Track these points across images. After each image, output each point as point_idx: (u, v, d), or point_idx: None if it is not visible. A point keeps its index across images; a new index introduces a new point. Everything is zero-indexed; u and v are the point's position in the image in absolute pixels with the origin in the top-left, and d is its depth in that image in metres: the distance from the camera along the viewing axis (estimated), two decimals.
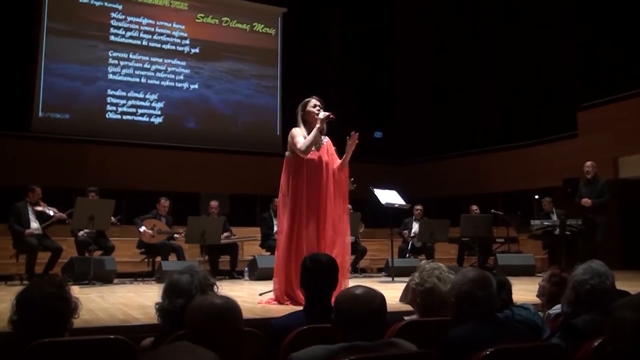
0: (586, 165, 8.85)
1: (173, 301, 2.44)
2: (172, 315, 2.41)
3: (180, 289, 2.46)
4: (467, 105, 14.24)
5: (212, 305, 1.97)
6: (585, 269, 2.60)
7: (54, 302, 2.23)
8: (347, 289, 2.22)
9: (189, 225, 8.42)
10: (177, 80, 13.07)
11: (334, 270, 2.99)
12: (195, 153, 12.76)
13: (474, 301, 2.37)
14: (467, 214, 10.21)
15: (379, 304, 2.13)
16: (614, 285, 2.64)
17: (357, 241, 9.68)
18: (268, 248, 9.30)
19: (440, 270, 2.85)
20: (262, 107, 13.92)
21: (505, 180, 12.87)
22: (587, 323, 2.38)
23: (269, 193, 9.99)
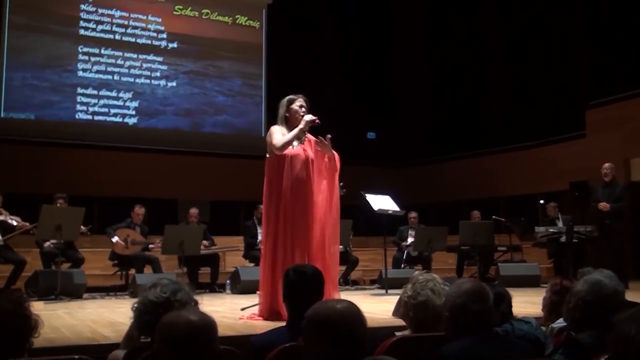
0: (604, 168, 8.86)
1: (155, 292, 2.40)
2: (153, 309, 2.36)
3: (163, 283, 2.44)
4: (468, 104, 14.30)
5: (188, 322, 1.95)
6: (589, 279, 2.60)
7: (11, 320, 2.20)
8: (321, 303, 2.11)
9: (166, 234, 8.38)
10: (153, 77, 13.03)
11: (319, 282, 2.97)
12: (172, 156, 12.72)
13: (469, 315, 2.36)
14: (467, 221, 10.23)
15: (357, 324, 1.97)
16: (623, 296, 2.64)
17: (348, 251, 9.68)
18: (252, 259, 9.27)
19: (434, 282, 2.84)
20: (245, 107, 13.90)
21: (508, 184, 12.92)
22: (592, 338, 2.38)
23: (253, 199, 9.96)
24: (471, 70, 14.35)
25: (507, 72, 13.75)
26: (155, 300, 2.37)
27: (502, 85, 13.87)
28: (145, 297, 2.42)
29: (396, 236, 10.27)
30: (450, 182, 13.82)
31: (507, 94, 13.77)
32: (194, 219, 9.34)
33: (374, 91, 15.36)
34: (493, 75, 14.08)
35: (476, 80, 14.26)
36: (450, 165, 14.11)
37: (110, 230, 8.66)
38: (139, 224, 8.93)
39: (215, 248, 9.42)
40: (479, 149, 13.69)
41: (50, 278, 7.52)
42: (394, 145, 14.95)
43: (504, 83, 13.81)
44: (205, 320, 1.99)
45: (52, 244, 8.08)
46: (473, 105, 14.24)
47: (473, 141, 13.96)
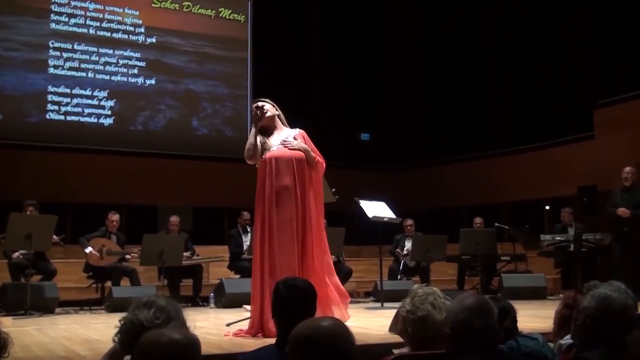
0: (625, 171, 8.89)
1: (149, 314, 2.33)
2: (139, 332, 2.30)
3: (159, 305, 2.39)
4: (468, 103, 14.35)
5: (171, 341, 1.94)
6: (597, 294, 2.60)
7: None
8: (306, 321, 2.08)
9: (145, 244, 8.36)
10: (130, 74, 13.01)
11: (311, 296, 2.97)
12: (151, 159, 12.70)
13: (472, 332, 2.37)
14: (468, 229, 10.25)
15: (345, 342, 1.95)
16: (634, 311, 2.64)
17: (341, 261, 9.68)
18: (237, 270, 9.27)
19: (434, 296, 2.85)
20: (230, 106, 13.90)
21: (511, 188, 12.97)
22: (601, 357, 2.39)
23: (238, 206, 10.00)
24: (471, 67, 14.40)
25: (509, 69, 13.81)
26: (145, 324, 2.31)
27: (503, 84, 13.93)
28: (135, 315, 2.36)
29: (392, 245, 10.28)
30: (449, 186, 13.86)
31: (509, 92, 13.83)
32: (174, 227, 9.33)
33: (367, 89, 15.40)
34: (494, 73, 14.14)
35: (476, 77, 14.32)
36: (450, 169, 14.15)
37: (84, 240, 8.63)
38: (115, 232, 8.91)
39: (197, 258, 9.41)
40: (481, 151, 13.73)
41: (20, 291, 7.48)
42: (390, 147, 14.99)
43: (506, 81, 13.87)
44: (189, 338, 1.99)
45: (21, 255, 8.04)
46: (474, 104, 14.29)
47: (474, 143, 14.00)
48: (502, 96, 13.98)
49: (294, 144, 5.07)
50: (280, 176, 4.97)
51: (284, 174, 4.98)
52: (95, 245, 8.59)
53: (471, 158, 13.83)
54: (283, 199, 4.93)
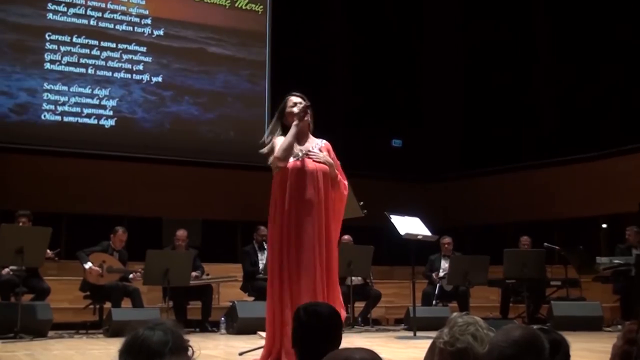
0: None
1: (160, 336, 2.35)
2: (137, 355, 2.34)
3: (149, 349, 2.39)
4: (514, 106, 14.28)
5: None
6: None
7: None
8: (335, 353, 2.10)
9: (148, 261, 8.41)
10: (134, 71, 13.10)
11: (336, 325, 2.98)
12: (157, 165, 12.78)
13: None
14: (513, 249, 10.20)
15: None
16: None
17: (369, 284, 9.67)
18: (252, 292, 9.29)
19: (476, 327, 2.83)
20: (245, 107, 13.93)
21: (563, 203, 12.87)
22: None
23: (253, 218, 10.03)
24: (516, 67, 14.34)
25: (559, 69, 13.72)
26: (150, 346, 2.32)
27: (554, 85, 13.84)
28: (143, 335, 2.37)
29: (426, 266, 10.26)
30: (492, 200, 13.80)
31: (561, 94, 13.74)
32: (181, 242, 9.37)
33: (399, 89, 15.38)
34: (543, 73, 14.06)
35: (522, 78, 14.25)
36: (493, 180, 14.09)
37: (83, 254, 8.69)
38: (119, 249, 8.98)
39: (207, 278, 9.44)
40: (528, 160, 13.66)
41: (9, 312, 7.53)
42: (425, 155, 14.94)
43: (557, 82, 13.78)
44: None
45: (11, 271, 8.11)
46: (519, 108, 14.21)
47: (520, 151, 13.93)
48: (553, 99, 13.89)
49: (319, 157, 5.06)
50: (303, 189, 4.96)
51: (307, 187, 4.97)
52: (95, 261, 8.65)
53: (518, 168, 13.76)
54: (305, 214, 4.92)
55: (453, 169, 14.74)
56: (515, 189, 13.58)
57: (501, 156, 14.07)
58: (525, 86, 14.20)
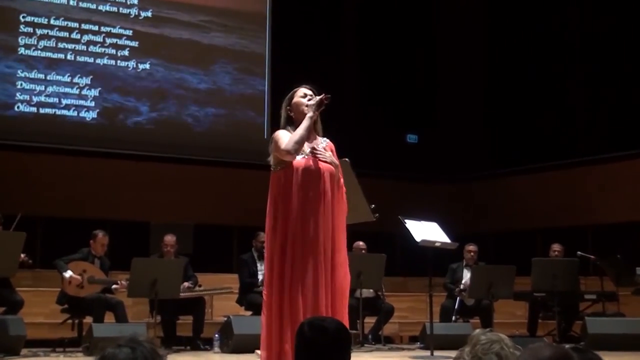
0: None
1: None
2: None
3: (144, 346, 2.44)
4: (544, 99, 14.24)
5: None
6: None
7: None
8: None
9: (134, 270, 8.41)
10: (119, 57, 13.10)
11: (345, 341, 2.99)
12: (144, 163, 12.80)
13: None
14: (542, 258, 10.20)
15: None
16: None
17: (380, 297, 9.66)
18: (249, 305, 9.29)
19: (501, 344, 2.85)
20: (242, 99, 13.92)
21: (599, 207, 12.85)
22: None
23: (251, 223, 10.02)
24: (547, 52, 14.29)
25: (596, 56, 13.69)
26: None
27: (591, 75, 13.80)
28: None
29: (446, 277, 10.25)
30: (520, 204, 13.78)
31: (597, 85, 13.70)
32: (169, 249, 9.35)
33: (415, 78, 15.37)
34: (577, 59, 14.03)
35: (554, 66, 14.22)
36: (521, 181, 14.09)
37: (61, 262, 8.68)
38: (101, 255, 8.99)
39: (200, 290, 9.43)
40: (559, 159, 13.63)
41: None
42: (444, 152, 14.94)
43: (593, 72, 13.74)
44: None
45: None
46: (549, 100, 14.18)
47: (550, 148, 13.89)
48: (588, 91, 13.84)
49: (326, 156, 5.06)
50: (310, 191, 4.95)
51: (314, 189, 4.97)
52: (75, 270, 8.64)
53: (548, 168, 13.73)
54: (311, 219, 4.92)
55: (476, 168, 14.72)
56: (545, 191, 13.57)
57: (530, 154, 14.03)
58: (557, 80, 14.15)
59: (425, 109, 15.35)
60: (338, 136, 5.33)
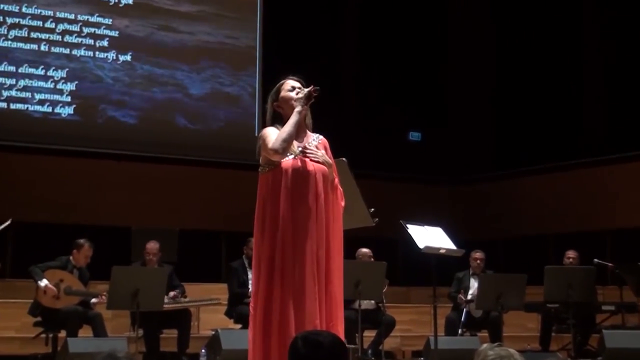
0: None
1: None
2: None
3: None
4: (557, 94, 14.26)
5: None
6: None
7: None
8: None
9: (114, 279, 8.36)
10: (98, 48, 13.07)
11: (342, 357, 3.00)
12: (125, 164, 12.78)
13: None
14: (556, 266, 10.20)
15: None
16: None
17: (381, 308, 9.66)
18: (239, 317, 9.29)
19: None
20: (231, 94, 13.90)
21: (618, 210, 12.87)
22: None
23: (241, 228, 9.97)
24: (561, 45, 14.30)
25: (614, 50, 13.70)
26: None
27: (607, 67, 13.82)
28: None
29: (451, 287, 10.25)
30: (531, 207, 13.80)
31: (614, 79, 13.71)
32: (152, 256, 9.32)
33: (419, 72, 15.36)
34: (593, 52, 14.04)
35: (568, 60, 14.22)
36: (531, 182, 14.11)
37: (37, 269, 8.65)
38: (81, 266, 8.97)
39: (185, 301, 9.43)
40: (574, 158, 13.65)
41: None
42: (449, 151, 14.97)
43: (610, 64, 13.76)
44: None
45: None
46: (563, 95, 14.19)
47: (564, 147, 13.90)
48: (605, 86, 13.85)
49: (318, 155, 5.02)
50: (301, 194, 4.94)
51: (306, 192, 4.95)
52: (51, 279, 8.62)
53: (562, 168, 13.74)
54: (302, 224, 4.91)
55: (484, 168, 14.74)
56: (559, 193, 13.58)
57: (542, 153, 14.04)
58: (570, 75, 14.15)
59: (430, 104, 15.33)
60: (335, 133, 5.32)
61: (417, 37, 15.34)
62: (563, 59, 14.28)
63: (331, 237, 5.01)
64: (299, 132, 5.02)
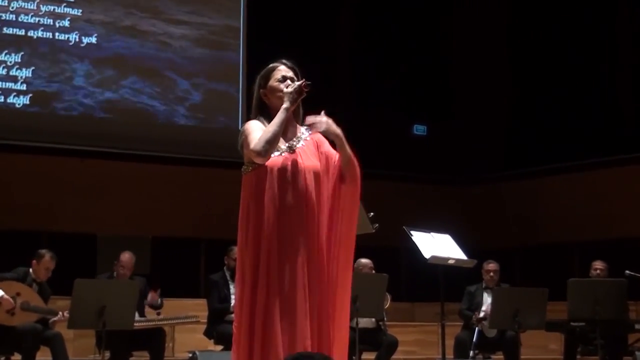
0: None
1: None
2: None
3: None
4: (579, 86, 14.27)
5: None
6: None
7: None
8: None
9: (76, 294, 8.29)
10: (58, 28, 13.05)
11: None
12: (90, 161, 12.77)
13: None
14: (582, 279, 10.20)
15: None
16: None
17: (381, 327, 9.65)
18: (220, 338, 9.29)
19: None
20: (212, 83, 13.90)
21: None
22: None
23: (223, 235, 9.98)
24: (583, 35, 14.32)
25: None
26: None
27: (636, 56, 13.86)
28: None
29: (462, 303, 10.24)
30: (551, 210, 13.83)
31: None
32: (126, 270, 9.26)
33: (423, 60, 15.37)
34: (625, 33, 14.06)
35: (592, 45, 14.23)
36: (552, 183, 14.14)
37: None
38: (41, 280, 8.91)
39: (159, 319, 9.40)
40: (602, 155, 13.67)
41: None
42: (458, 147, 15.00)
43: None
44: None
45: None
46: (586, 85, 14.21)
47: (590, 142, 13.91)
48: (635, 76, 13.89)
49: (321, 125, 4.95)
50: (286, 197, 4.90)
51: (293, 195, 4.91)
52: (7, 292, 8.59)
53: (588, 167, 13.78)
54: (289, 231, 4.88)
55: (498, 166, 14.78)
56: (585, 195, 13.61)
57: (566, 149, 14.04)
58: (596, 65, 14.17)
59: (437, 93, 15.35)
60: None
61: (420, 17, 15.35)
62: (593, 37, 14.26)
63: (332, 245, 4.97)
64: (287, 125, 4.98)
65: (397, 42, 15.11)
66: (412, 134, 15.38)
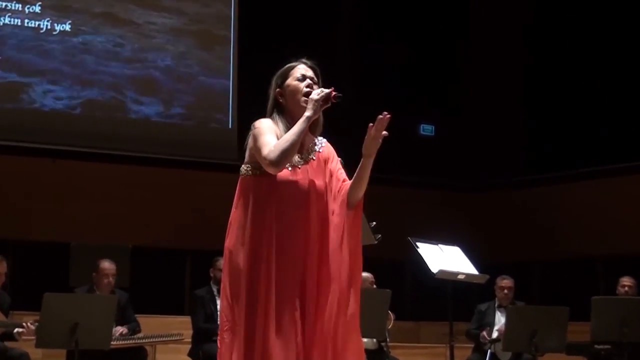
0: None
1: None
2: None
3: None
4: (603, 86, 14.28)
5: None
6: None
7: None
8: None
9: (46, 309, 8.28)
10: (28, 14, 13.06)
11: None
12: (63, 162, 12.77)
13: None
14: (607, 297, 10.20)
15: None
16: None
17: (384, 348, 9.64)
18: (206, 358, 9.24)
19: None
20: (200, 78, 13.90)
21: None
22: None
23: (209, 246, 9.98)
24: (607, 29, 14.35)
25: None
26: None
27: None
28: None
29: (472, 323, 10.25)
30: (573, 220, 13.82)
31: None
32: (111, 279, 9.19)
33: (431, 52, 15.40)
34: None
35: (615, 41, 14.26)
36: (574, 190, 14.13)
37: None
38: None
39: (139, 337, 9.38)
40: (625, 161, 13.67)
41: None
42: (468, 149, 15.00)
43: None
44: None
45: None
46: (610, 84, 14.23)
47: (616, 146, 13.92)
48: None
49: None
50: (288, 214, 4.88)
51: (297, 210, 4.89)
52: None
53: (614, 172, 13.79)
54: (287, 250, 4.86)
55: (514, 171, 14.78)
56: (611, 203, 13.63)
57: (589, 153, 14.06)
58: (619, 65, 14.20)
59: (445, 90, 15.36)
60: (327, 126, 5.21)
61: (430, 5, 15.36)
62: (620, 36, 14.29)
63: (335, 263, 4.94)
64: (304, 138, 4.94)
65: (403, 34, 15.12)
66: (419, 135, 15.38)
